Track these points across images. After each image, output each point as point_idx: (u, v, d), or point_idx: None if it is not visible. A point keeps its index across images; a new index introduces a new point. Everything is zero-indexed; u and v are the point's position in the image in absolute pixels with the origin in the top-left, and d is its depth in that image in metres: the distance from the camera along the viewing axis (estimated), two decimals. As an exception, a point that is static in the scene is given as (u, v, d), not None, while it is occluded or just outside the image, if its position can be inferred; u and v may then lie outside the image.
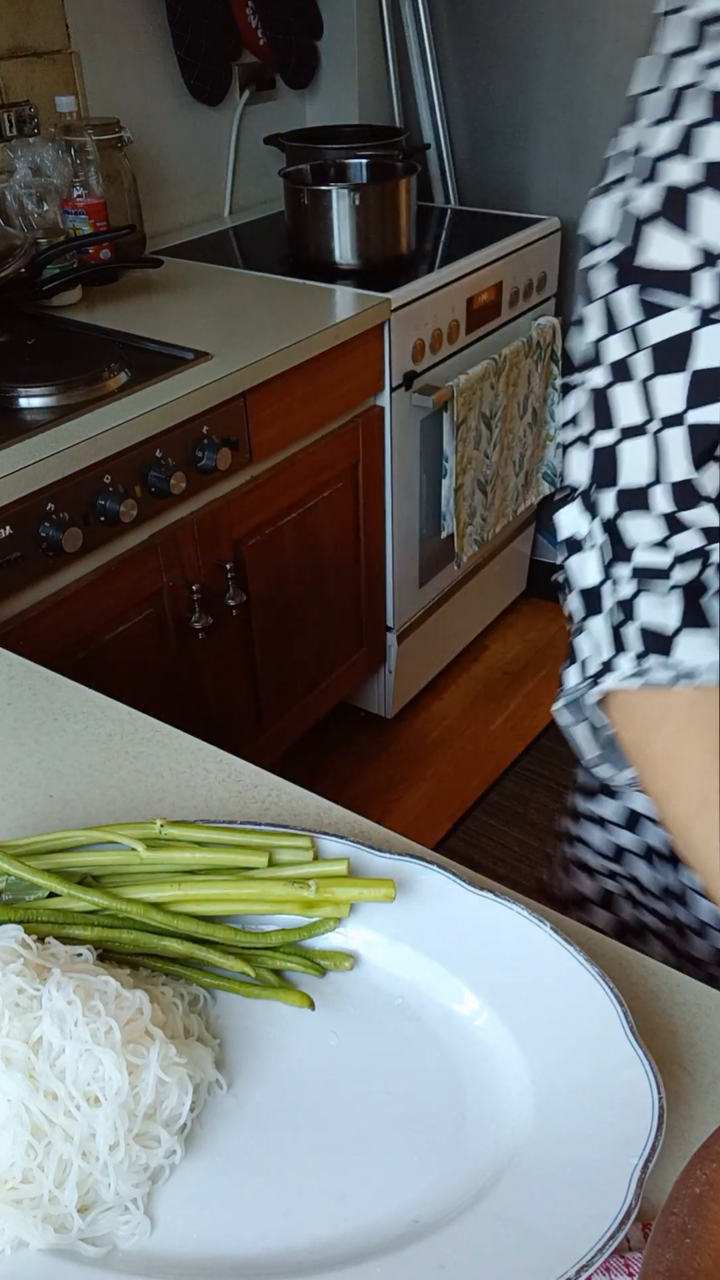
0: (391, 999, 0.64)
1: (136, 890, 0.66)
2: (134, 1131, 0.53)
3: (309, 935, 0.66)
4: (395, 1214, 0.53)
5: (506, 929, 0.64)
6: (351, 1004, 0.64)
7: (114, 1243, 0.52)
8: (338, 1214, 0.53)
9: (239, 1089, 0.60)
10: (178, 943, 0.65)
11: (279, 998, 0.64)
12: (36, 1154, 0.51)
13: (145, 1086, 0.54)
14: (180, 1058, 0.56)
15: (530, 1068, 0.59)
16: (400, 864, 0.68)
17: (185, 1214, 0.53)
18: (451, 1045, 0.61)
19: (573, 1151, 0.53)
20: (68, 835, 0.68)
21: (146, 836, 0.68)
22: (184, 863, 0.67)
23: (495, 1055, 0.60)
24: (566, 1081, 0.57)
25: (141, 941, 0.64)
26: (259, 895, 0.65)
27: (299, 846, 0.68)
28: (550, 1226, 0.50)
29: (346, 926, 0.66)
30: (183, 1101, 0.55)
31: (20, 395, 1.48)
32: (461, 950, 0.64)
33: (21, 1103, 0.52)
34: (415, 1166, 0.55)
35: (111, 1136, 0.52)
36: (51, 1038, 0.54)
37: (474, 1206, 0.53)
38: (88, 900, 0.65)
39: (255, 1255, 0.52)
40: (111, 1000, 0.56)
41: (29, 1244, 0.51)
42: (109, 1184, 0.52)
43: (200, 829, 0.69)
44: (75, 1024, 0.54)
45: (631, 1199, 0.50)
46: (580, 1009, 0.59)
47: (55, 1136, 0.52)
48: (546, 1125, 0.55)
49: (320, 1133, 0.57)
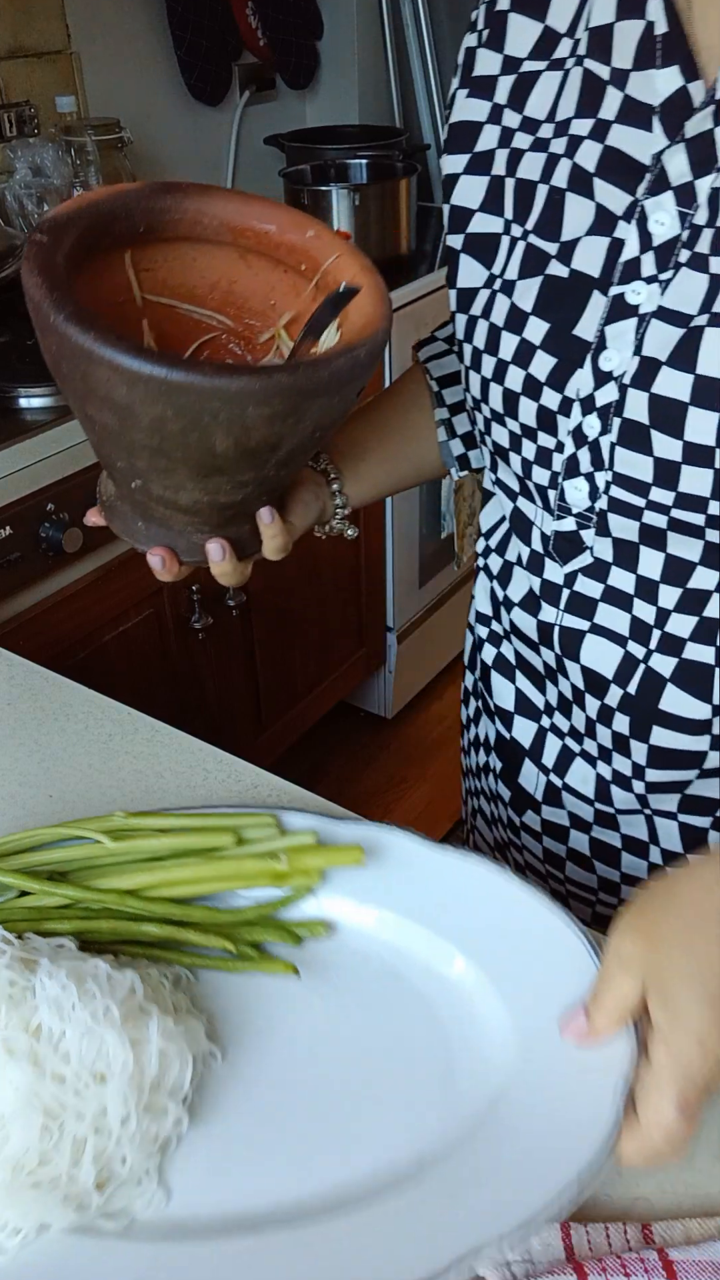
0: (369, 959, 0.66)
1: (107, 880, 0.66)
2: (142, 1103, 0.55)
3: (283, 906, 0.68)
4: (400, 1153, 0.56)
5: (470, 881, 0.67)
6: (331, 968, 0.66)
7: (131, 1215, 0.53)
8: (345, 1161, 0.56)
9: (233, 1058, 0.61)
10: (156, 926, 0.65)
11: (262, 968, 0.65)
12: (52, 1135, 0.52)
13: (149, 1059, 0.55)
14: (178, 1027, 0.58)
15: (508, 1005, 0.61)
16: (366, 831, 0.70)
17: (197, 1180, 0.55)
18: (431, 994, 0.64)
19: (559, 1077, 0.57)
20: (29, 835, 0.69)
21: (108, 829, 0.68)
22: (151, 850, 0.68)
23: (474, 998, 0.63)
24: (544, 1014, 0.59)
25: (120, 929, 0.65)
26: (232, 872, 0.67)
27: (264, 824, 0.69)
28: (548, 1145, 0.53)
29: (319, 896, 0.68)
30: (184, 1071, 0.57)
31: (20, 395, 1.48)
32: (430, 905, 0.67)
33: (31, 1089, 0.53)
34: (412, 1109, 0.58)
35: (122, 1110, 0.54)
36: (51, 1023, 0.55)
37: (473, 1136, 0.55)
38: (61, 895, 0.65)
39: (270, 1209, 0.53)
40: (104, 982, 0.57)
41: (51, 1225, 0.52)
42: (123, 1157, 0.54)
43: (161, 816, 0.70)
44: (73, 1007, 0.55)
45: (618, 1112, 0.53)
46: (548, 944, 0.63)
47: (68, 1117, 0.53)
48: (530, 1056, 0.58)
49: (317, 1089, 0.59)
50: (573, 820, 0.82)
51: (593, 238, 0.63)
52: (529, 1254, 0.51)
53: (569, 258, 0.64)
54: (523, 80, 0.67)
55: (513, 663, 0.82)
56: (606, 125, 0.63)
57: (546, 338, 0.65)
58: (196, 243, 0.67)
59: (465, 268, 0.70)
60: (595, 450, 0.65)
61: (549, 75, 0.66)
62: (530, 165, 0.66)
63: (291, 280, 0.68)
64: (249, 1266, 0.51)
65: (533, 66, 0.67)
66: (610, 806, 0.79)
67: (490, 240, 0.69)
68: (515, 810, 0.87)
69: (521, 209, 0.67)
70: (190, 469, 0.60)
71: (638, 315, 0.62)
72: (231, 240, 0.67)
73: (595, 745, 0.77)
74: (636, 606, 0.70)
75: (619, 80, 0.62)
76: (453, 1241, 0.50)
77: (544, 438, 0.68)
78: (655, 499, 0.64)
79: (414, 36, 2.43)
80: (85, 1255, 0.51)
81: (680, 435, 0.61)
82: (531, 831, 0.86)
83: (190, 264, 0.68)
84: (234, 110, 2.31)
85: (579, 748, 0.79)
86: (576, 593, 0.72)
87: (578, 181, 0.64)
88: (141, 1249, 0.51)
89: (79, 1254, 0.51)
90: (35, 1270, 0.50)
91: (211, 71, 2.20)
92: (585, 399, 0.64)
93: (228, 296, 0.69)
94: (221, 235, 0.67)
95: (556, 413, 0.66)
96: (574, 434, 0.66)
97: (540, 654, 0.78)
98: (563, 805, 0.82)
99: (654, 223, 0.61)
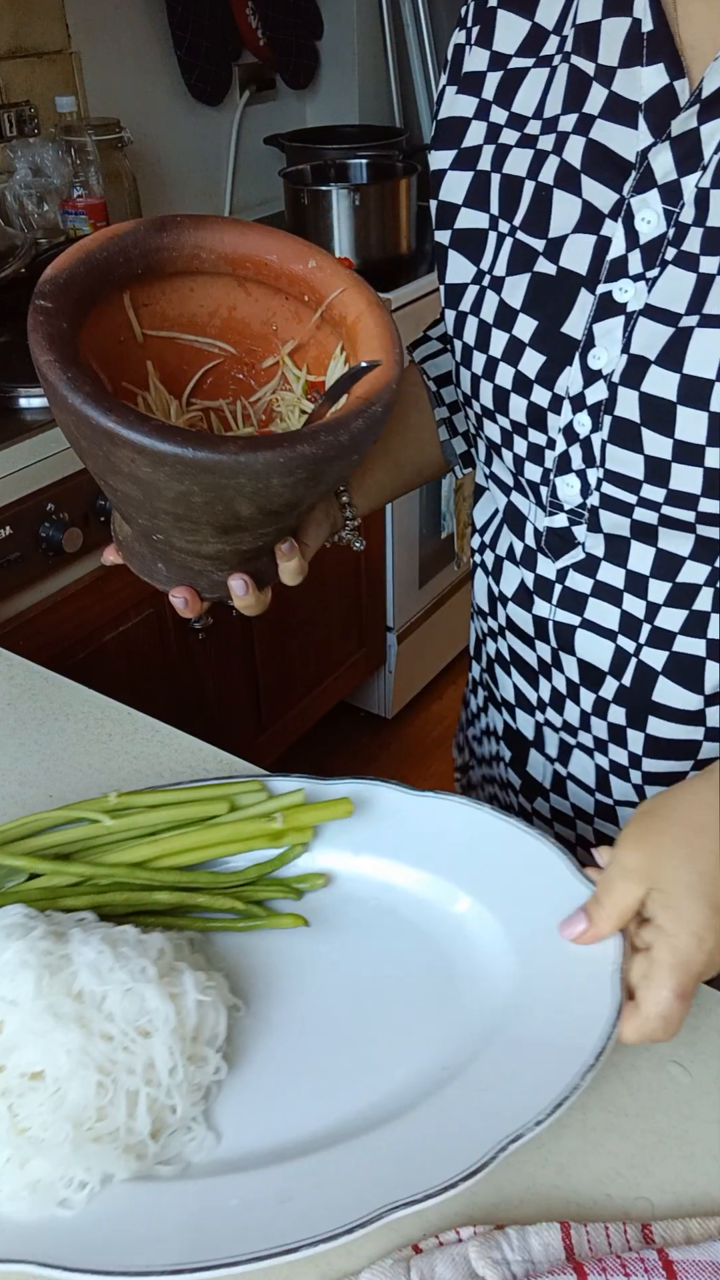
0: (366, 903, 0.70)
1: (112, 857, 0.69)
2: (186, 1054, 0.58)
3: (282, 864, 0.71)
4: (425, 1068, 0.60)
5: (454, 820, 0.71)
6: (333, 916, 0.70)
7: (186, 1159, 0.57)
8: (375, 1083, 0.60)
9: (255, 1008, 0.65)
10: (167, 894, 0.68)
11: (271, 924, 0.69)
12: (107, 1091, 0.56)
13: (187, 1012, 0.59)
14: (210, 981, 0.61)
15: (502, 924, 0.66)
16: (350, 786, 0.74)
17: (241, 1120, 0.59)
18: (429, 926, 0.68)
19: (559, 977, 0.62)
20: (31, 819, 0.71)
21: (104, 809, 0.71)
22: (149, 824, 0.70)
23: (469, 922, 0.67)
24: (536, 927, 0.64)
25: (134, 899, 0.68)
26: (230, 836, 0.70)
27: (252, 789, 0.73)
28: (562, 1036, 0.58)
29: (313, 851, 0.72)
30: (220, 1021, 0.61)
31: (20, 395, 1.48)
32: (419, 846, 0.71)
33: (82, 1049, 0.56)
34: (429, 1028, 0.62)
35: (169, 1061, 0.57)
36: (92, 986, 0.58)
37: (490, 1041, 0.60)
38: (72, 873, 0.68)
39: (313, 1134, 0.57)
40: (135, 944, 0.61)
41: (114, 1176, 0.55)
42: (173, 1106, 0.57)
43: (153, 794, 0.72)
44: (110, 970, 0.58)
45: (620, 996, 0.58)
46: (531, 866, 0.67)
47: (119, 1072, 0.56)
48: (530, 964, 0.63)
49: (338, 1025, 0.63)
50: (576, 811, 0.83)
51: (580, 235, 0.63)
52: (529, 1254, 0.51)
53: (557, 255, 0.64)
54: (510, 77, 0.67)
55: (508, 658, 0.83)
56: (591, 120, 0.62)
57: (535, 335, 0.65)
58: (195, 275, 0.66)
59: (454, 263, 0.70)
60: (586, 447, 0.65)
61: (536, 72, 0.66)
62: (517, 161, 0.66)
63: (293, 307, 0.68)
64: (301, 1182, 0.54)
65: (520, 63, 0.67)
66: (609, 798, 0.79)
67: (477, 235, 0.69)
68: (526, 798, 0.88)
69: (508, 205, 0.67)
70: (214, 529, 0.60)
71: (625, 313, 0.62)
72: (230, 271, 0.66)
73: (591, 737, 0.78)
74: (626, 601, 0.70)
75: (605, 77, 0.62)
76: (490, 1132, 0.54)
77: (535, 434, 0.68)
78: (646, 496, 0.64)
79: (414, 36, 2.43)
80: (148, 1200, 0.54)
81: (671, 434, 0.61)
82: (543, 818, 0.87)
83: (189, 294, 0.67)
84: (234, 110, 2.31)
85: (574, 740, 0.80)
86: (568, 588, 0.73)
87: (565, 178, 0.64)
88: (199, 1185, 0.55)
89: (143, 1199, 0.55)
90: (105, 1220, 0.53)
91: (211, 71, 2.20)
92: (575, 397, 0.64)
93: (228, 323, 0.69)
94: (220, 268, 0.66)
95: (547, 410, 0.66)
96: (565, 431, 0.66)
97: (535, 649, 0.79)
98: (567, 795, 0.83)
99: (640, 220, 0.61)
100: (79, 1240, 0.52)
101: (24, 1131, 0.54)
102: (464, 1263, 0.51)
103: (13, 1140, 0.54)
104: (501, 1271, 0.50)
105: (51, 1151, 0.54)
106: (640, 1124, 0.59)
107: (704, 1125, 0.58)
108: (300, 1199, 0.53)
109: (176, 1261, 0.50)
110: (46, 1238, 0.52)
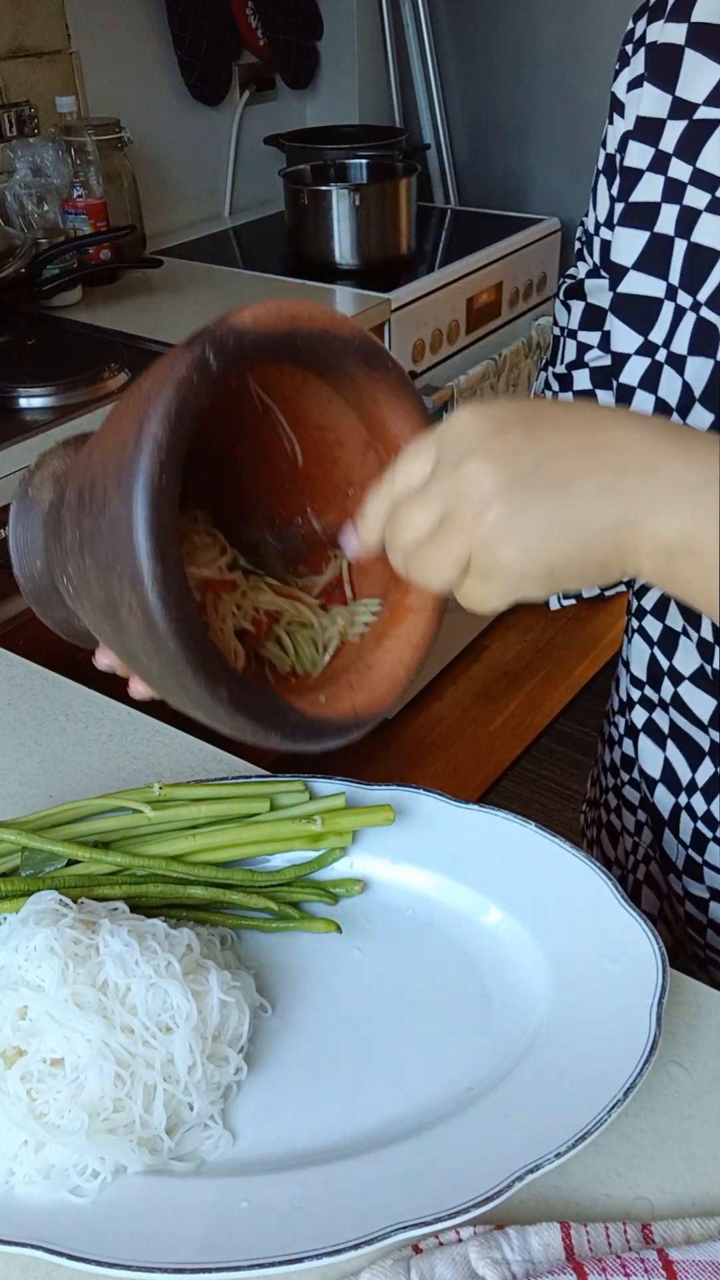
0: (402, 912, 0.69)
1: (150, 848, 0.69)
2: (206, 1052, 0.58)
3: (319, 867, 0.71)
4: (449, 1087, 0.59)
5: (497, 835, 0.70)
6: (367, 922, 0.69)
7: (201, 1157, 0.57)
8: (397, 1097, 0.59)
9: (281, 1010, 0.64)
10: (202, 889, 0.68)
11: (304, 927, 0.68)
12: (125, 1083, 0.56)
13: (210, 1010, 0.59)
14: (235, 981, 0.61)
15: (540, 946, 0.65)
16: (392, 793, 0.74)
17: (259, 1122, 0.59)
18: (464, 940, 0.67)
19: (594, 1006, 0.60)
20: (74, 806, 0.71)
21: (148, 799, 0.71)
22: (189, 818, 0.70)
23: (506, 941, 0.66)
24: (574, 951, 0.63)
25: (168, 892, 0.68)
26: (269, 835, 0.70)
27: (294, 790, 0.72)
28: (591, 1067, 0.57)
29: (351, 856, 0.72)
30: (242, 1021, 0.60)
31: (20, 395, 1.48)
32: (459, 858, 0.70)
33: (102, 1040, 0.56)
34: (457, 1046, 0.61)
35: (189, 1058, 0.57)
36: (116, 978, 0.58)
37: (518, 1065, 0.59)
38: (109, 862, 0.67)
39: (330, 1143, 0.57)
40: (163, 939, 0.61)
41: (127, 1168, 0.55)
42: (190, 1103, 0.57)
43: (196, 787, 0.72)
44: (135, 963, 0.58)
45: (655, 1031, 0.57)
46: (574, 889, 0.66)
47: (138, 1065, 0.56)
48: (566, 990, 0.62)
49: (364, 1034, 0.63)
50: (712, 894, 0.80)
51: None
52: (529, 1254, 0.51)
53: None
54: (697, 128, 0.60)
55: (665, 732, 0.78)
56: None
57: (712, 428, 0.58)
58: (344, 401, 0.58)
59: (617, 331, 0.64)
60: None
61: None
62: (709, 229, 0.59)
63: (375, 466, 0.59)
64: (314, 1191, 0.54)
65: (710, 114, 0.59)
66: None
67: (649, 305, 0.62)
68: (662, 873, 0.84)
69: (694, 277, 0.60)
70: (140, 673, 0.56)
71: None
72: (369, 433, 0.59)
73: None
74: None
75: None
76: (508, 1161, 0.53)
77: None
78: None
79: (414, 36, 2.43)
80: (160, 1195, 0.55)
81: None
82: (676, 897, 0.83)
83: (325, 405, 0.59)
84: (234, 110, 2.31)
85: (712, 834, 0.75)
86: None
87: None
88: (212, 1185, 0.55)
89: (155, 1193, 0.55)
90: (116, 1211, 0.53)
91: (211, 71, 2.20)
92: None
93: (321, 449, 0.61)
94: (372, 423, 0.58)
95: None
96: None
97: (709, 734, 0.73)
98: (703, 880, 0.80)
99: None
100: (88, 1229, 0.52)
101: (41, 1117, 0.55)
102: (464, 1263, 0.51)
103: (29, 1124, 0.54)
104: (501, 1271, 0.50)
105: (67, 1138, 0.54)
106: (640, 1124, 0.58)
107: (704, 1125, 0.58)
108: (311, 1207, 0.53)
109: (183, 1260, 0.50)
110: (56, 1224, 0.52)
